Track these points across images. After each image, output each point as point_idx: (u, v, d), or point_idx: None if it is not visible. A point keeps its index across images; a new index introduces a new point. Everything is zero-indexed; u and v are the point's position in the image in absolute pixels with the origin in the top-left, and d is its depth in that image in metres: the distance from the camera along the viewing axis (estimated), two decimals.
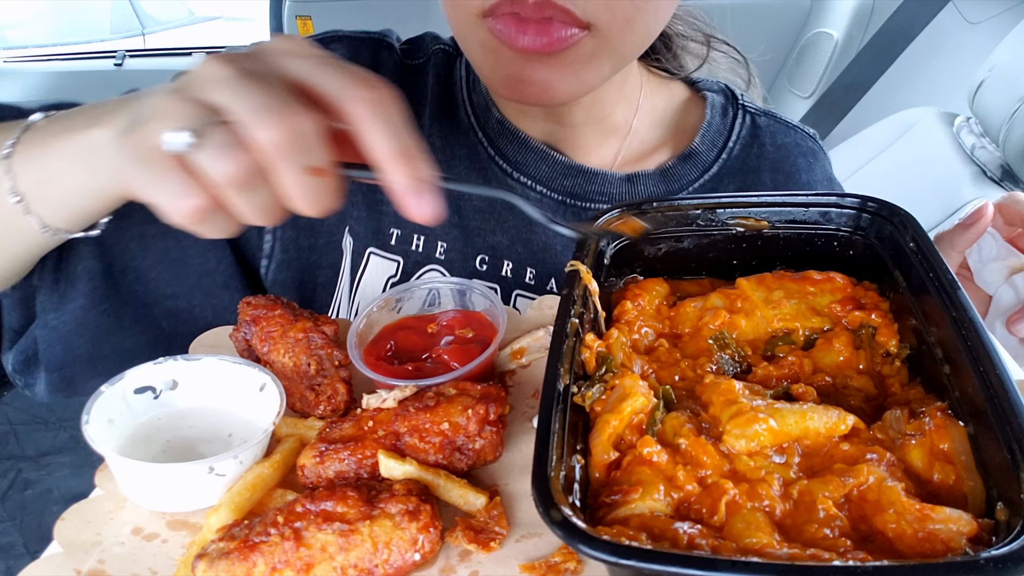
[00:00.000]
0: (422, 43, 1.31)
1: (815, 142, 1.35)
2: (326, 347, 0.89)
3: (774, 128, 1.31)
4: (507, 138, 1.22)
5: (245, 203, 0.68)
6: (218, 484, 0.75)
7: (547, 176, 1.22)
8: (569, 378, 0.73)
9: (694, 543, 0.60)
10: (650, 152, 1.28)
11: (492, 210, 1.21)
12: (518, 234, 1.21)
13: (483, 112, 1.24)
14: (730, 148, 1.27)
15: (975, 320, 0.70)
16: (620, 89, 1.22)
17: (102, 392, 0.80)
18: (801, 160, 1.30)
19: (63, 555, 0.72)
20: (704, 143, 1.27)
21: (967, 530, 0.60)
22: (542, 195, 1.21)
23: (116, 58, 3.88)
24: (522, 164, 1.22)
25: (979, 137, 2.59)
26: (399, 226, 1.20)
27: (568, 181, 1.22)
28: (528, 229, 1.21)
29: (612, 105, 1.22)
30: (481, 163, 1.22)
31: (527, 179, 1.21)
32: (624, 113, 1.25)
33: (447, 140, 1.22)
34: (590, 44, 0.99)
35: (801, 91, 3.82)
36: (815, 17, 3.76)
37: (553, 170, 1.22)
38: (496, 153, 1.22)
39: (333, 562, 0.67)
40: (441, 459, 0.77)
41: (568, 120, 1.21)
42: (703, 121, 1.28)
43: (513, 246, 1.21)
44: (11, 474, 2.80)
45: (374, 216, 1.20)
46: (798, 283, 0.88)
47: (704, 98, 1.32)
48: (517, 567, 0.69)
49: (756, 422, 0.69)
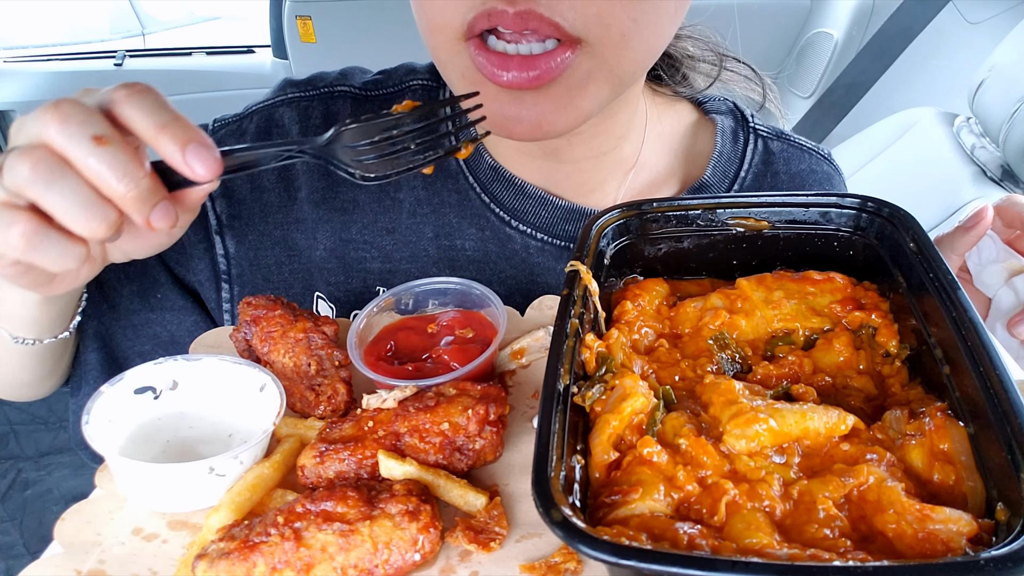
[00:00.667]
0: (394, 75, 1.23)
1: (830, 164, 1.28)
2: (326, 347, 0.89)
3: (788, 153, 1.24)
4: (502, 184, 1.14)
5: (59, 199, 0.69)
6: (218, 484, 0.75)
7: (547, 222, 1.14)
8: (569, 378, 0.73)
9: (694, 543, 0.60)
10: (659, 185, 1.20)
11: (487, 259, 1.15)
12: (516, 285, 1.15)
13: (473, 157, 1.15)
14: (742, 178, 1.21)
15: (975, 320, 0.70)
16: (627, 122, 1.14)
17: (102, 392, 0.80)
18: (816, 188, 1.24)
19: (63, 555, 0.72)
20: (715, 175, 1.19)
21: (967, 530, 0.60)
22: (543, 242, 1.14)
23: (116, 58, 3.88)
24: (520, 211, 1.14)
25: (979, 137, 2.59)
26: (384, 283, 1.15)
27: (570, 226, 1.15)
28: (529, 279, 1.15)
29: (617, 139, 1.14)
30: (474, 209, 1.14)
31: (526, 227, 1.14)
32: (631, 145, 1.17)
33: (432, 188, 1.15)
34: (583, 65, 0.92)
35: (801, 91, 3.82)
36: (815, 17, 3.77)
37: (553, 216, 1.14)
38: (491, 200, 1.14)
39: (333, 562, 0.67)
40: (441, 459, 0.77)
41: (568, 156, 1.13)
42: (713, 150, 1.21)
43: (511, 297, 1.13)
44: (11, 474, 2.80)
45: (356, 277, 1.15)
46: (798, 283, 0.88)
47: (713, 121, 1.24)
48: (517, 567, 0.69)
49: (756, 422, 0.69)
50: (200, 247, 1.14)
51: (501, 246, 1.14)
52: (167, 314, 1.15)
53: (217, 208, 1.14)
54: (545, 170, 1.15)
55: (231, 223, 1.14)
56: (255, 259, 1.15)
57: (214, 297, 1.16)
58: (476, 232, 1.14)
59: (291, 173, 1.15)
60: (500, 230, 1.14)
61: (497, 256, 1.15)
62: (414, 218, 1.14)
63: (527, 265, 1.15)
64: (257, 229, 1.15)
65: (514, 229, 1.14)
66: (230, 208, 1.14)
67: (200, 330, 1.14)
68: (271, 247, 1.15)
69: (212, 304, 1.18)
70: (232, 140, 1.16)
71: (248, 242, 1.15)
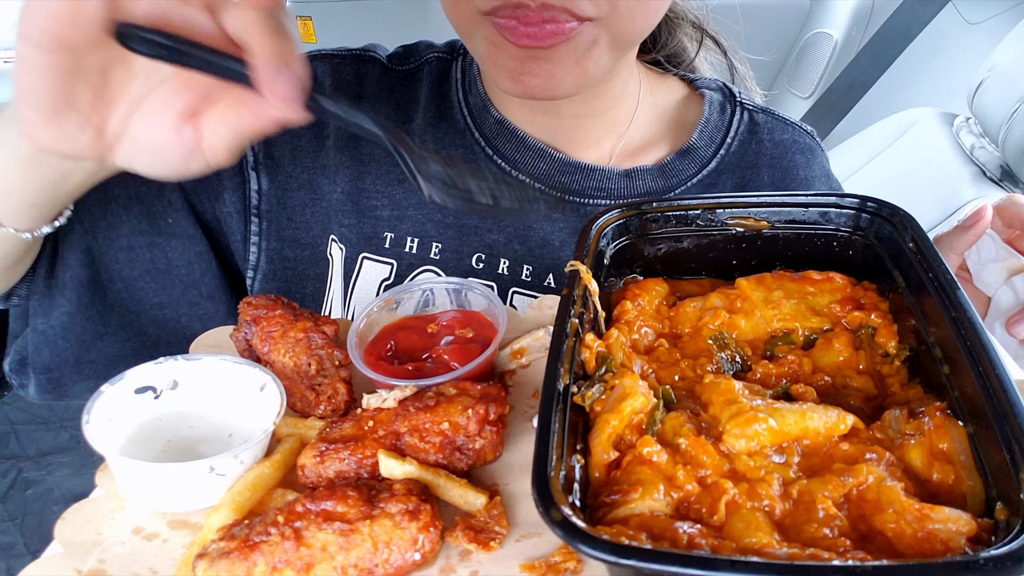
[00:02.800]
0: (415, 49, 1.32)
1: (812, 139, 1.36)
2: (326, 347, 0.89)
3: (772, 125, 1.32)
4: (505, 137, 1.23)
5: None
6: (219, 484, 0.75)
7: (545, 173, 1.22)
8: (569, 378, 0.73)
9: (694, 543, 0.60)
10: (648, 147, 1.29)
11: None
12: (515, 231, 1.22)
13: (480, 112, 1.24)
14: (728, 144, 1.28)
15: (974, 320, 0.70)
16: (623, 85, 1.23)
17: (103, 392, 0.80)
18: (799, 156, 1.31)
19: (64, 555, 0.72)
20: (702, 139, 1.27)
21: (966, 530, 0.60)
22: (540, 191, 1.22)
23: None
24: (520, 162, 1.22)
25: (978, 137, 2.59)
26: (392, 230, 1.21)
27: (566, 178, 1.23)
28: (525, 226, 1.22)
29: (614, 100, 1.23)
30: (478, 162, 1.22)
31: (525, 176, 1.22)
32: (625, 108, 1.26)
33: (442, 143, 1.23)
34: (590, 33, 1.00)
35: (801, 91, 3.83)
36: (815, 17, 3.77)
37: (551, 167, 1.22)
38: (494, 152, 1.23)
39: (333, 562, 0.67)
40: (441, 459, 0.77)
41: (568, 112, 1.21)
42: (701, 117, 1.29)
43: (510, 244, 1.21)
44: (12, 474, 2.80)
45: (367, 222, 1.21)
46: (798, 283, 0.88)
47: (702, 96, 1.33)
48: (517, 567, 0.70)
49: (756, 422, 0.69)
50: (236, 179, 1.19)
51: None
52: (173, 240, 1.16)
53: (255, 146, 1.19)
54: (546, 125, 1.23)
55: (266, 161, 1.20)
56: (283, 198, 1.21)
57: (240, 230, 1.20)
58: None
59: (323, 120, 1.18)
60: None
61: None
62: None
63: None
64: (286, 170, 1.21)
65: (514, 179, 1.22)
66: (266, 147, 1.20)
67: (202, 263, 1.19)
68: (298, 189, 1.21)
69: (237, 237, 1.21)
70: None
71: (279, 181, 1.21)
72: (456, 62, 1.29)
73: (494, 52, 1.03)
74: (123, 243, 1.13)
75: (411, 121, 1.24)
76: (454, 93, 1.26)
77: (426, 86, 1.27)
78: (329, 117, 0.77)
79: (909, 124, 2.84)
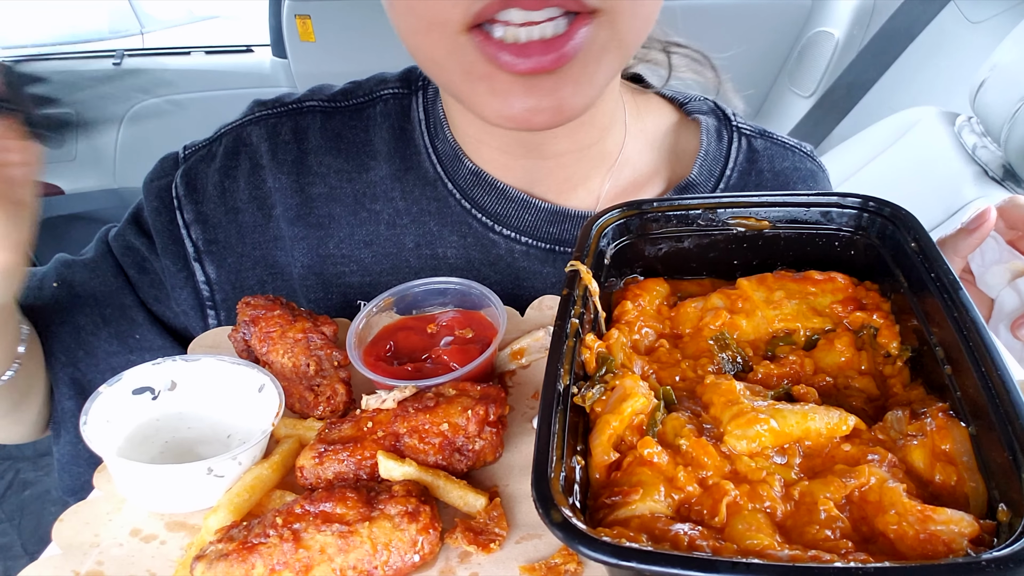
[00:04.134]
0: (365, 85, 1.20)
1: (813, 161, 1.28)
2: (325, 347, 0.88)
3: (771, 151, 1.23)
4: (483, 189, 1.12)
5: None
6: (217, 485, 0.75)
7: (531, 225, 1.12)
8: (569, 379, 0.72)
9: (695, 544, 0.60)
10: (643, 183, 1.18)
11: (469, 267, 1.13)
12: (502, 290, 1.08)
13: (452, 162, 1.13)
14: (728, 177, 1.19)
15: (977, 320, 0.70)
16: (611, 113, 1.12)
17: (100, 393, 0.79)
18: (800, 186, 1.24)
19: (61, 556, 0.72)
20: (702, 174, 1.18)
21: (969, 531, 0.60)
22: (528, 246, 1.12)
23: (115, 57, 3.88)
24: (503, 216, 1.12)
25: (980, 137, 2.59)
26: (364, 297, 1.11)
27: (554, 228, 1.12)
28: (515, 284, 1.13)
29: (601, 130, 1.12)
30: (455, 216, 1.12)
31: (510, 231, 1.12)
32: (614, 139, 1.15)
33: (411, 196, 1.13)
34: (600, 36, 0.89)
35: (802, 90, 3.82)
36: (816, 16, 3.76)
37: (537, 218, 1.12)
38: (472, 205, 1.12)
39: (332, 563, 0.67)
40: (441, 460, 0.77)
41: (551, 151, 1.10)
42: (699, 149, 1.19)
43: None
44: (9, 475, 2.80)
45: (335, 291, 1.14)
46: (799, 283, 0.88)
47: (696, 122, 1.23)
48: (517, 568, 0.69)
49: (757, 423, 0.68)
50: (180, 277, 1.14)
51: (484, 252, 1.13)
52: (146, 355, 1.11)
53: (193, 235, 1.13)
54: (528, 168, 1.12)
55: (208, 248, 1.13)
56: (237, 282, 1.14)
57: (201, 326, 1.16)
58: (458, 239, 1.12)
59: (263, 192, 1.14)
60: (483, 236, 1.12)
61: (481, 262, 1.13)
62: (393, 229, 1.12)
63: (512, 270, 1.13)
64: (236, 251, 1.14)
65: (497, 234, 1.12)
66: (206, 233, 1.13)
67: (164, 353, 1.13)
68: (252, 268, 1.14)
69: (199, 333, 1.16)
70: (203, 165, 1.15)
71: (228, 265, 1.14)
72: (415, 98, 1.16)
73: (482, 88, 0.90)
74: (103, 367, 1.12)
75: (369, 171, 1.13)
76: (419, 136, 1.14)
77: (383, 130, 1.15)
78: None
79: (911, 123, 2.83)
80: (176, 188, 1.14)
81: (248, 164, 1.14)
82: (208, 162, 1.16)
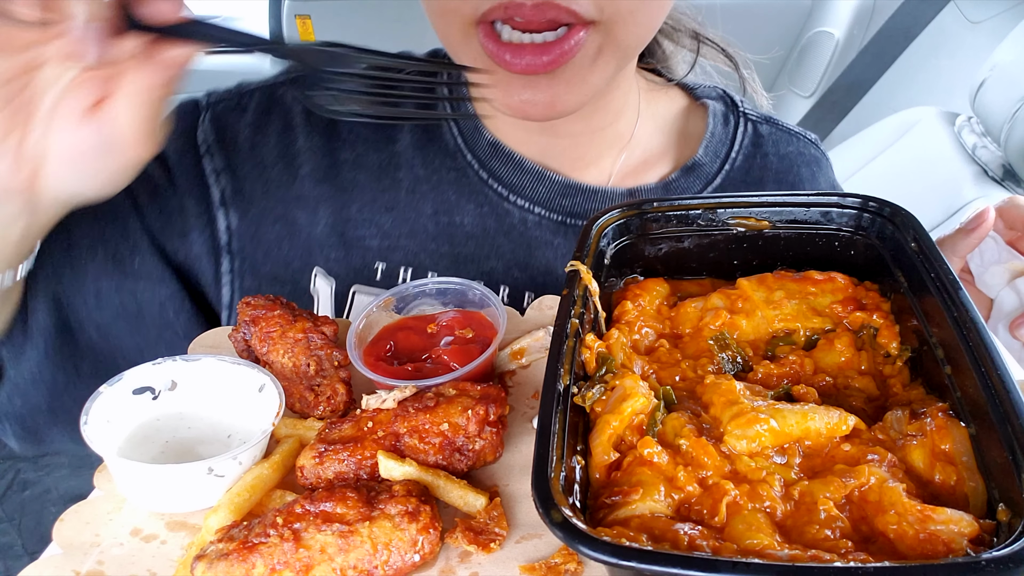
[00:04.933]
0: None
1: (817, 148, 1.33)
2: (325, 347, 0.88)
3: (776, 136, 1.29)
4: (501, 160, 1.18)
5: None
6: (217, 485, 0.75)
7: (544, 197, 1.18)
8: (569, 378, 0.72)
9: (695, 544, 0.60)
10: (652, 162, 1.25)
11: (485, 235, 1.17)
12: (514, 258, 1.17)
13: (472, 134, 1.19)
14: (733, 159, 1.25)
15: (976, 320, 0.70)
16: (623, 99, 1.18)
17: (101, 393, 0.79)
18: (804, 170, 1.28)
19: (62, 556, 0.72)
20: (707, 154, 1.23)
21: (968, 531, 0.60)
22: (541, 216, 1.17)
23: None
24: (518, 186, 1.17)
25: (980, 137, 2.59)
26: (383, 260, 1.16)
27: (567, 200, 1.18)
28: (527, 253, 1.17)
29: (614, 114, 1.18)
30: (473, 186, 1.17)
31: (524, 201, 1.17)
32: (626, 122, 1.22)
33: (432, 166, 1.18)
34: (594, 42, 0.96)
35: (802, 90, 3.82)
36: (816, 16, 3.76)
37: (551, 190, 1.18)
38: (489, 175, 1.17)
39: (332, 563, 0.67)
40: (441, 460, 0.77)
41: (565, 131, 1.17)
42: (705, 131, 1.24)
43: (509, 271, 1.17)
44: (10, 475, 2.80)
45: (355, 253, 1.16)
46: (799, 283, 0.88)
47: (704, 106, 1.28)
48: (517, 568, 0.69)
49: (757, 423, 0.68)
50: (201, 220, 1.15)
51: (499, 221, 1.17)
52: (141, 282, 1.12)
53: (221, 182, 1.15)
54: (543, 145, 1.18)
55: (234, 198, 1.16)
56: (256, 234, 1.16)
57: (211, 270, 1.16)
58: (475, 208, 1.17)
59: (293, 150, 1.16)
60: (498, 205, 1.17)
61: (495, 231, 1.17)
62: (413, 195, 1.16)
63: (525, 239, 1.17)
64: (259, 204, 1.17)
65: (512, 204, 1.17)
66: (234, 183, 1.16)
67: (174, 303, 1.14)
68: (272, 223, 1.17)
69: (208, 278, 1.17)
70: (233, 116, 1.17)
71: (250, 217, 1.16)
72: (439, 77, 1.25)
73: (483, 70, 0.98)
74: (90, 288, 1.10)
75: (396, 143, 1.19)
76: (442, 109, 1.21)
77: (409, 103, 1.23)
78: (214, 39, 0.76)
79: (911, 123, 2.84)
80: (204, 133, 1.16)
81: (280, 123, 1.17)
82: (239, 114, 1.18)
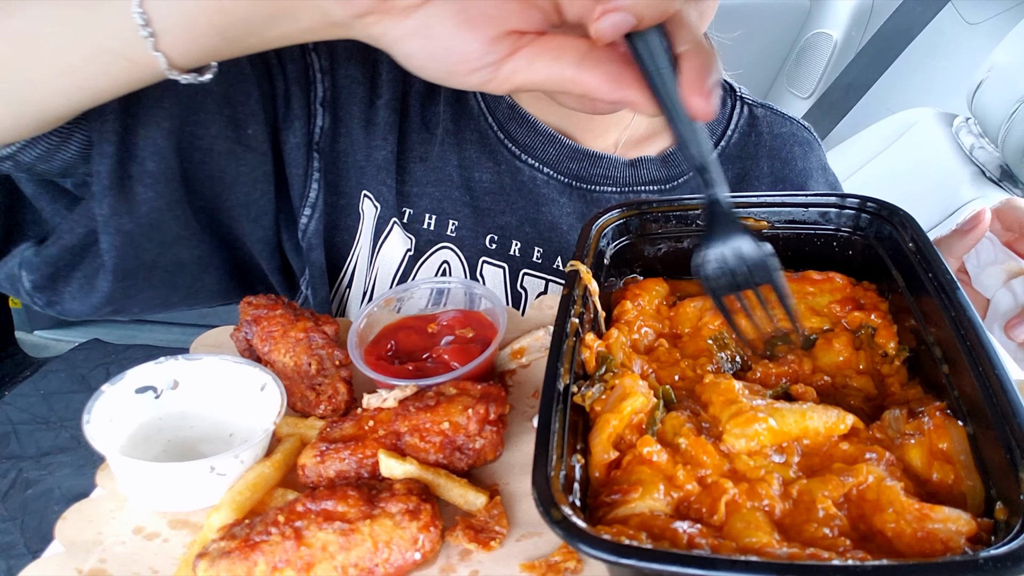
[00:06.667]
0: None
1: (810, 133, 1.41)
2: (327, 347, 0.89)
3: (771, 119, 1.37)
4: (517, 122, 1.26)
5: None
6: (219, 483, 0.75)
7: (554, 159, 1.25)
8: (569, 378, 0.73)
9: (694, 542, 0.60)
10: (652, 137, 1.32)
11: (501, 191, 1.25)
12: (526, 215, 1.25)
13: (493, 98, 1.27)
14: (729, 136, 1.34)
15: (974, 320, 0.70)
16: None
17: (103, 392, 0.80)
18: (797, 148, 1.37)
19: (64, 554, 0.72)
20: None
21: (966, 530, 0.60)
22: (549, 176, 1.25)
23: None
24: (530, 147, 1.25)
25: (978, 137, 2.59)
26: (411, 206, 1.23)
27: (574, 164, 1.26)
28: (535, 210, 1.25)
29: None
30: (491, 146, 1.25)
31: (535, 161, 1.25)
32: None
33: (459, 124, 1.26)
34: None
35: (800, 91, 3.82)
36: (814, 18, 3.76)
37: (560, 153, 1.25)
38: (506, 137, 1.25)
39: (334, 561, 0.67)
40: (441, 458, 0.77)
41: None
42: None
43: (521, 226, 1.24)
44: (12, 474, 2.79)
45: (401, 190, 1.23)
46: (798, 283, 0.88)
47: None
48: (517, 566, 0.70)
49: (756, 422, 0.69)
50: (305, 111, 1.17)
51: (512, 178, 1.25)
52: (249, 154, 1.10)
53: (324, 82, 1.18)
54: (557, 112, 1.26)
55: (332, 101, 1.20)
56: (334, 141, 1.21)
57: (302, 163, 1.17)
58: (493, 166, 1.25)
59: (377, 73, 1.21)
60: (511, 163, 1.25)
61: (510, 188, 1.25)
62: (443, 147, 1.24)
63: (534, 196, 1.25)
64: (340, 114, 1.21)
65: (523, 163, 1.25)
66: (333, 88, 1.19)
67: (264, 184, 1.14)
68: (345, 135, 1.21)
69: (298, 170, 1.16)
70: None
71: (336, 122, 1.21)
72: None
73: None
74: (203, 144, 1.05)
75: (436, 102, 1.26)
76: None
77: None
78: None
79: (909, 124, 2.84)
80: None
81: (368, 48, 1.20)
82: None
